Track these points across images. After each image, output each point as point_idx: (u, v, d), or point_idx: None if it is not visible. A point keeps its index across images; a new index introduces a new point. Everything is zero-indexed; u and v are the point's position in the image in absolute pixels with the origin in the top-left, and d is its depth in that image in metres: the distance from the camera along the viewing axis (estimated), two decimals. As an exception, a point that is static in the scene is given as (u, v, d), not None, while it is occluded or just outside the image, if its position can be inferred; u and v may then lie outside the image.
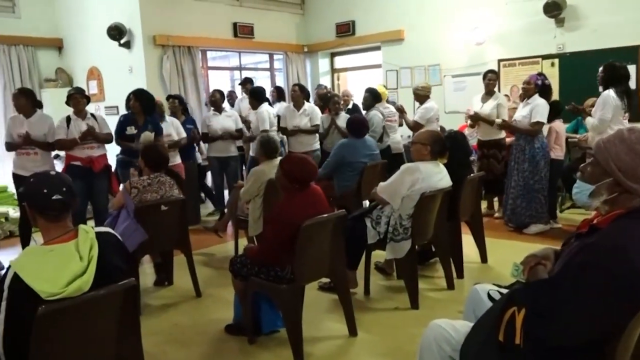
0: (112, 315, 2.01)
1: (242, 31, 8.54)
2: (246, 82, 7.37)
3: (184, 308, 3.82)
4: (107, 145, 5.24)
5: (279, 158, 4.53)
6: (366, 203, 4.90)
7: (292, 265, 2.87)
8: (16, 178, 4.91)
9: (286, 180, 2.97)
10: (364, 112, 6.52)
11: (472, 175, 4.18)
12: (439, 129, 6.34)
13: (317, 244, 2.98)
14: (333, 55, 9.86)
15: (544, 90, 5.15)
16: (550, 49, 6.89)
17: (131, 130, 5.20)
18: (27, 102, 4.85)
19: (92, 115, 5.15)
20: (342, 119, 6.30)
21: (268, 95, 7.02)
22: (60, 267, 1.79)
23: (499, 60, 7.38)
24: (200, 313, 3.73)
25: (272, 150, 4.45)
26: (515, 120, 5.33)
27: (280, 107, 6.94)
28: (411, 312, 3.53)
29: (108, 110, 7.78)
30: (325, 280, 3.74)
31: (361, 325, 3.29)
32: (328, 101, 6.66)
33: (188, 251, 4.00)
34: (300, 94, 6.37)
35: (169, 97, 6.56)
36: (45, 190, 1.86)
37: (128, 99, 5.44)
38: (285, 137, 6.47)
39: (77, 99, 5.00)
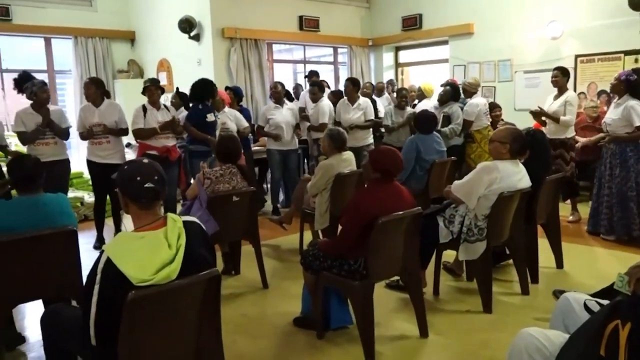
0: (196, 304, 2.03)
1: (308, 24, 8.54)
2: (312, 75, 7.37)
3: (252, 299, 3.84)
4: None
5: (349, 152, 4.52)
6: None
7: (366, 259, 2.82)
8: (90, 164, 5.10)
9: (371, 168, 2.92)
10: (431, 107, 6.40)
11: (551, 176, 3.98)
12: (488, 123, 6.32)
13: (392, 241, 2.92)
14: (398, 49, 9.70)
15: (635, 89, 4.71)
16: (635, 44, 6.47)
17: (211, 117, 5.36)
18: (96, 90, 5.00)
19: (165, 106, 5.28)
20: (405, 114, 6.23)
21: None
22: (150, 254, 1.81)
23: (577, 56, 7.01)
24: (268, 305, 3.75)
25: (341, 144, 4.41)
26: (605, 122, 5.00)
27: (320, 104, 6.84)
28: (484, 316, 3.40)
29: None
30: (392, 277, 3.67)
31: (432, 326, 3.20)
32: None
33: (256, 242, 4.02)
34: (353, 89, 6.33)
35: (226, 88, 6.65)
36: (138, 178, 1.89)
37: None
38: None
39: (152, 90, 5.13)
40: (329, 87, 7.72)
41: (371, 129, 6.43)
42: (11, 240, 2.65)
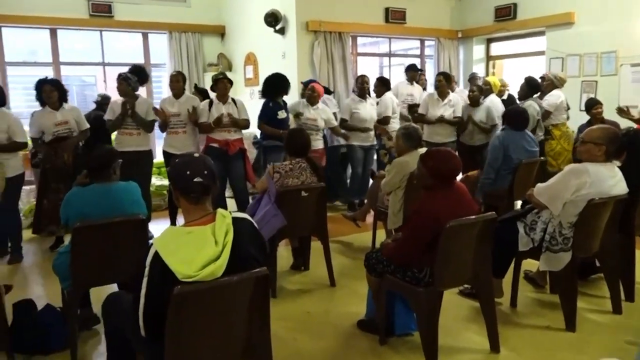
0: (243, 302, 1.99)
1: (394, 16, 8.31)
2: (410, 69, 7.18)
3: (318, 296, 3.79)
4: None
5: (425, 149, 4.31)
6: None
7: (432, 267, 2.65)
8: (166, 155, 5.27)
9: (429, 176, 2.73)
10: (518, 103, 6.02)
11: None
12: (566, 120, 6.00)
13: (461, 247, 2.72)
14: (489, 41, 9.19)
15: None
16: None
17: (282, 114, 5.34)
18: (183, 84, 5.19)
19: (233, 100, 5.33)
20: (482, 111, 5.88)
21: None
22: (196, 250, 1.79)
23: (695, 47, 6.24)
24: (333, 303, 3.67)
25: (417, 141, 4.21)
26: None
27: (384, 97, 6.61)
28: (565, 334, 3.10)
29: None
30: (462, 285, 3.45)
31: (505, 341, 2.96)
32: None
33: (325, 239, 3.95)
34: (445, 84, 6.10)
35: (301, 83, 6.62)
36: (188, 172, 1.88)
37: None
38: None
39: (225, 83, 5.20)
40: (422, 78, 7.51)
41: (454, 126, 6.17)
42: (85, 226, 2.78)
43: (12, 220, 4.64)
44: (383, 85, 6.58)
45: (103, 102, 5.97)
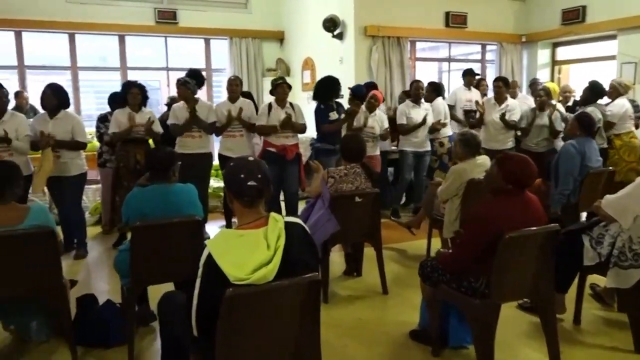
0: (294, 307, 1.98)
1: (455, 21, 8.15)
2: (467, 74, 7.03)
3: (370, 303, 3.74)
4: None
5: (484, 156, 4.18)
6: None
7: (489, 278, 2.55)
8: (221, 158, 5.36)
9: (502, 179, 2.64)
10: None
11: None
12: (633, 129, 5.67)
13: (521, 259, 2.60)
14: (555, 45, 8.84)
15: None
16: None
17: (334, 115, 5.35)
18: (241, 88, 5.31)
19: (291, 104, 5.36)
20: (545, 117, 5.67)
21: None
22: (248, 253, 1.80)
23: None
24: (385, 311, 3.61)
25: (475, 148, 4.09)
26: None
27: (435, 104, 6.46)
28: (634, 356, 2.90)
29: (317, 99, 8.14)
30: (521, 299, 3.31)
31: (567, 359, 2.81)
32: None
33: (378, 245, 3.90)
34: (504, 89, 5.99)
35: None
36: (242, 175, 1.89)
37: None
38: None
39: (284, 87, 5.24)
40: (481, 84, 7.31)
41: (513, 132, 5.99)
42: (144, 225, 2.87)
43: (77, 217, 4.89)
44: (434, 90, 6.45)
45: (172, 104, 6.18)
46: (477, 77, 7.21)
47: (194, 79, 5.22)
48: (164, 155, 3.10)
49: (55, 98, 4.62)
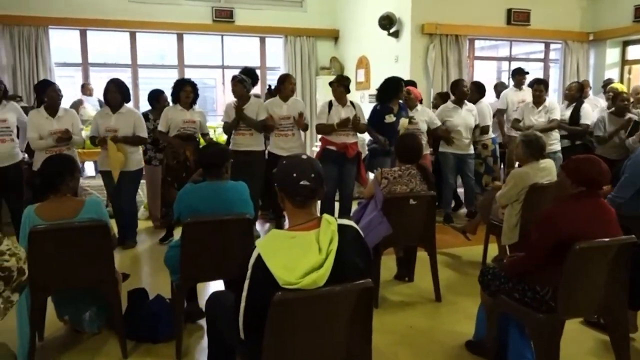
0: (345, 313, 1.88)
1: (517, 18, 7.81)
2: (516, 73, 6.74)
3: (422, 310, 3.59)
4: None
5: (548, 160, 3.95)
6: None
7: (555, 289, 2.37)
8: (272, 156, 5.32)
9: (572, 183, 2.46)
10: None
11: None
12: None
13: (591, 272, 2.40)
14: (626, 44, 8.32)
15: None
16: None
17: (390, 118, 5.19)
18: (294, 86, 5.26)
19: (352, 102, 5.27)
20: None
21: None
22: (299, 256, 1.72)
23: None
24: (438, 320, 3.46)
25: (538, 150, 3.86)
26: None
27: (480, 105, 6.17)
28: None
29: (371, 98, 8.02)
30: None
31: (639, 383, 2.58)
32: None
33: (432, 250, 3.75)
34: (544, 93, 5.86)
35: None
36: (294, 175, 1.81)
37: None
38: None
39: (335, 87, 5.16)
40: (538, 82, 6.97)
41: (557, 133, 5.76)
42: (195, 222, 2.85)
43: (131, 210, 5.03)
44: (477, 91, 6.18)
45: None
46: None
47: (248, 77, 5.22)
48: (217, 151, 3.07)
49: (119, 93, 4.75)
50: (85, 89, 7.97)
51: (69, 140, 4.59)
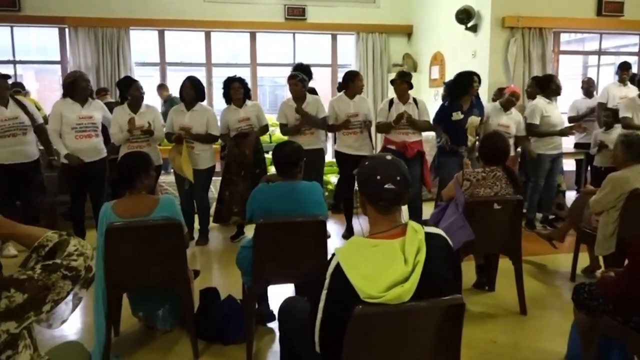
0: (431, 330, 1.71)
1: (608, 8, 7.22)
2: (622, 68, 6.23)
3: (505, 324, 3.32)
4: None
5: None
6: None
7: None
8: (339, 155, 5.17)
9: None
10: None
11: None
12: None
13: None
14: None
15: None
16: None
17: (457, 116, 4.89)
18: (363, 84, 5.10)
19: (414, 100, 5.03)
20: None
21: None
22: (382, 267, 1.56)
23: None
24: (524, 335, 3.18)
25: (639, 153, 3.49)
26: None
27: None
28: None
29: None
30: None
31: None
32: None
33: (517, 259, 3.47)
34: None
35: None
36: (378, 177, 1.65)
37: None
38: None
39: (398, 84, 4.96)
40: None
41: None
42: (268, 223, 2.76)
43: (203, 207, 5.06)
44: (538, 86, 5.69)
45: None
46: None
47: (304, 74, 5.09)
48: (291, 150, 2.96)
49: (194, 90, 4.79)
50: (162, 90, 8.11)
51: (151, 135, 4.68)
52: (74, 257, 1.48)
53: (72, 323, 3.25)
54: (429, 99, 7.49)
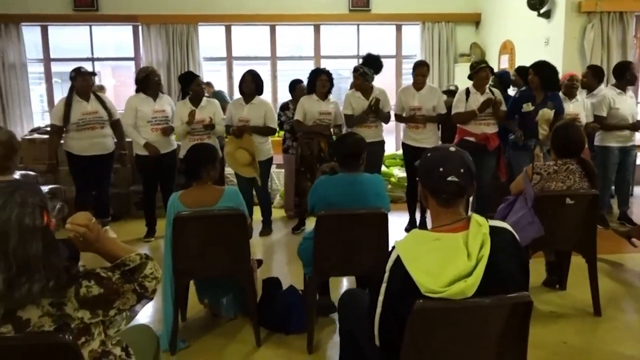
0: (495, 328, 1.65)
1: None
2: None
3: (577, 325, 3.15)
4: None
5: None
6: None
7: None
8: (405, 148, 5.08)
9: None
10: None
11: None
12: None
13: None
14: None
15: None
16: None
17: (528, 107, 4.66)
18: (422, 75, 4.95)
19: (491, 90, 4.85)
20: None
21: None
22: (444, 261, 1.52)
23: None
24: (597, 337, 3.01)
25: None
26: None
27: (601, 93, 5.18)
28: None
29: (514, 87, 7.40)
30: None
31: None
32: None
33: (591, 257, 3.28)
34: None
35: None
36: (440, 169, 1.60)
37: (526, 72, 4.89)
38: None
39: (487, 71, 4.78)
40: None
41: None
42: (329, 215, 2.76)
43: (264, 198, 5.15)
44: (595, 75, 5.30)
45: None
46: None
47: (372, 66, 5.01)
48: (355, 142, 2.94)
49: (254, 83, 4.87)
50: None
51: (212, 129, 4.80)
52: (149, 279, 1.62)
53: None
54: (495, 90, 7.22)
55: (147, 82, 4.80)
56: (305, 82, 5.28)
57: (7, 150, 2.73)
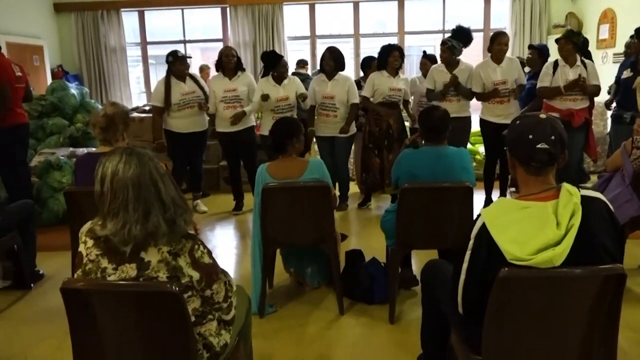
0: (585, 302, 1.61)
1: None
2: None
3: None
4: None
5: None
6: None
7: None
8: (483, 124, 4.92)
9: None
10: None
11: None
12: None
13: None
14: None
15: None
16: None
17: (627, 73, 4.37)
18: (505, 47, 4.72)
19: (582, 61, 4.53)
20: None
21: None
22: (532, 229, 1.50)
23: None
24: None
25: None
26: None
27: None
28: None
29: (615, 58, 6.89)
30: None
31: None
32: None
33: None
34: None
35: (529, 47, 5.23)
36: (530, 137, 1.57)
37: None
38: None
39: (563, 41, 4.51)
40: None
41: None
42: (412, 187, 2.77)
43: (343, 173, 5.21)
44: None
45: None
46: None
47: (461, 38, 4.85)
48: (440, 115, 2.92)
49: (332, 60, 4.89)
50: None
51: (293, 107, 4.95)
52: (232, 309, 1.79)
53: (231, 273, 3.62)
54: (597, 62, 6.73)
55: (220, 62, 5.05)
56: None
57: (108, 123, 2.95)
